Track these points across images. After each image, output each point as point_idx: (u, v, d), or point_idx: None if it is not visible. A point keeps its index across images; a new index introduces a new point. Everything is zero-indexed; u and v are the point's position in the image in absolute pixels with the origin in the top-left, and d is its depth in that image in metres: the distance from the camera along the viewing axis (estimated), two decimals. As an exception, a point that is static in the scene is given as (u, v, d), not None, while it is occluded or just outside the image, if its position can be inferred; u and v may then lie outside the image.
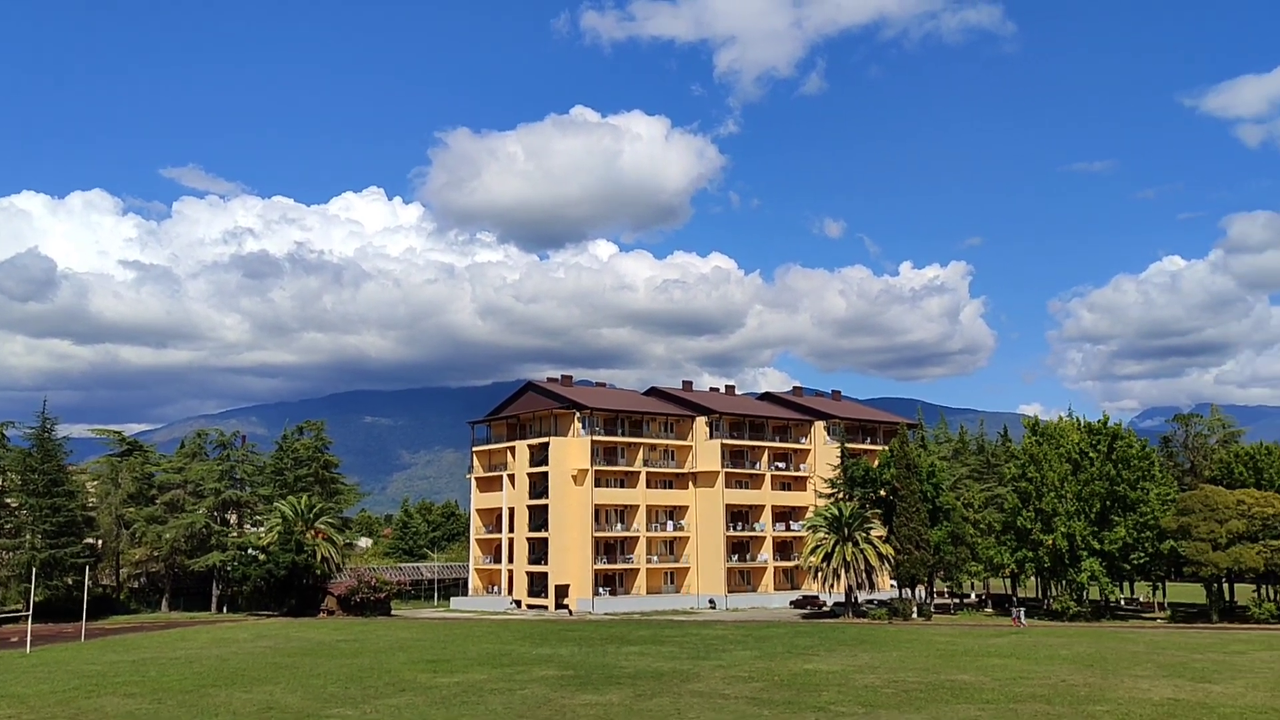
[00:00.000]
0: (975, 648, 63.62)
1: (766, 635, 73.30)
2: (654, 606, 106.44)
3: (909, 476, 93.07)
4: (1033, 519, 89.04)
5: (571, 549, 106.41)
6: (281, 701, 41.90)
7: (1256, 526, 79.71)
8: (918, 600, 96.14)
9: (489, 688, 45.36)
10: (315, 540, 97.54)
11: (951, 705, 39.86)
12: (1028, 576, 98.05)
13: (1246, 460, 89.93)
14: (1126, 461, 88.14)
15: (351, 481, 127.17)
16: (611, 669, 52.35)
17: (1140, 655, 58.16)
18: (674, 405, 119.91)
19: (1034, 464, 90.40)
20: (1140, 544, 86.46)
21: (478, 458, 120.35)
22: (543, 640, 69.79)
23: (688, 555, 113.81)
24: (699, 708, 39.49)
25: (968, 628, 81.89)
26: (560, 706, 40.06)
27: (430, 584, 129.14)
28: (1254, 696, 42.05)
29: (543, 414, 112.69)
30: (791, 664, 54.38)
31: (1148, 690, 43.78)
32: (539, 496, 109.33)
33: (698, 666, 53.23)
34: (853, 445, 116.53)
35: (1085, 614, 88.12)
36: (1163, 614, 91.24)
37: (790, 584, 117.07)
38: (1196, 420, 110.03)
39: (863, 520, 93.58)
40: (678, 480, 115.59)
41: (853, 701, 40.85)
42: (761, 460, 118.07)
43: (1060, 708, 39.13)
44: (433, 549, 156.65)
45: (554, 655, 59.50)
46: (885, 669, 52.07)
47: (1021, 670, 51.28)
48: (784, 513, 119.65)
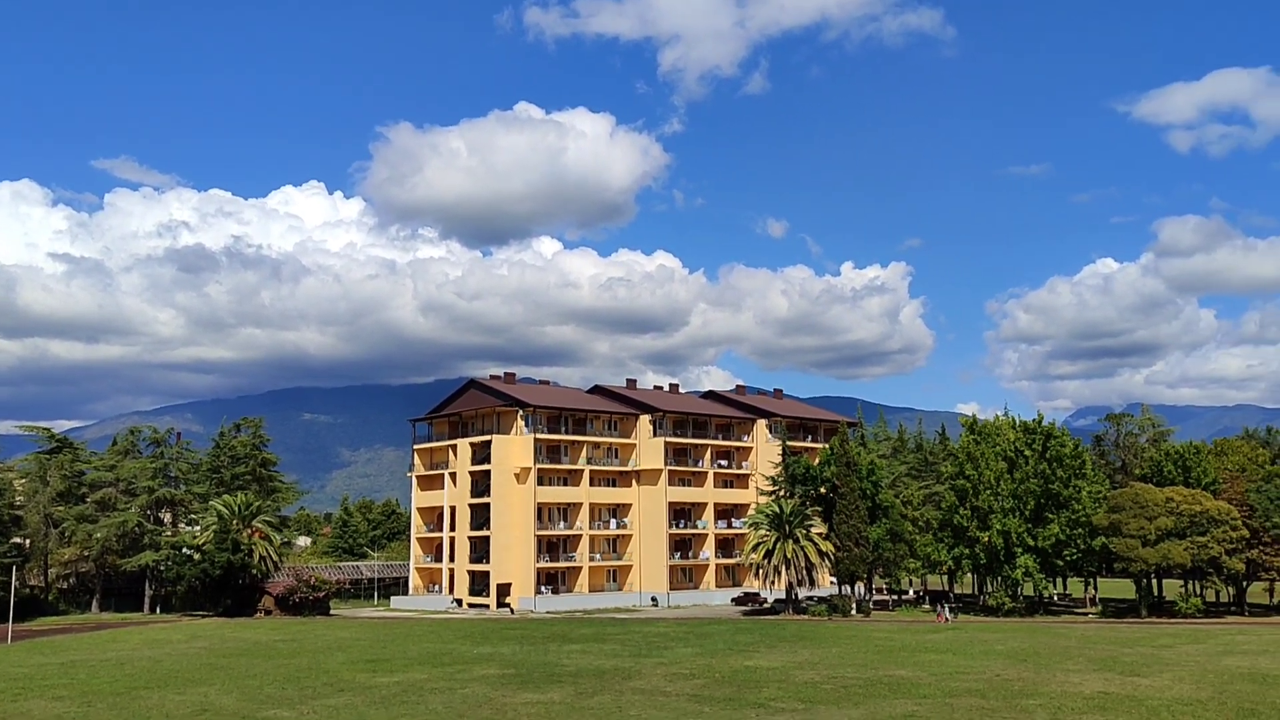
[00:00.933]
0: (913, 644, 64.52)
1: (708, 632, 73.66)
2: (596, 604, 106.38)
3: (849, 474, 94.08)
4: (969, 516, 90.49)
5: (514, 547, 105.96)
6: (216, 703, 41.21)
7: (1184, 523, 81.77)
8: (857, 597, 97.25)
9: (429, 687, 45.03)
10: (252, 539, 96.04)
11: (889, 700, 40.39)
12: (964, 573, 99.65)
13: (1175, 459, 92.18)
14: (1060, 460, 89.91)
15: (290, 480, 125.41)
16: (553, 667, 52.25)
17: (1072, 650, 59.42)
18: (617, 403, 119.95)
19: (971, 462, 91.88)
20: (1073, 541, 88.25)
21: (419, 456, 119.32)
22: (484, 639, 69.45)
23: (630, 553, 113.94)
24: (640, 705, 39.57)
25: (906, 624, 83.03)
26: (501, 705, 39.89)
27: (370, 583, 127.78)
28: (1180, 689, 43.18)
29: (485, 412, 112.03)
30: (732, 661, 54.71)
31: (1079, 684, 44.75)
32: (481, 495, 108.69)
33: (639, 664, 53.34)
34: (794, 443, 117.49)
35: (1020, 609, 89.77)
36: (1094, 609, 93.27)
37: (732, 581, 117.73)
38: (1127, 420, 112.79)
39: (803, 518, 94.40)
40: (621, 478, 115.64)
41: (793, 698, 41.22)
42: (704, 458, 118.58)
43: (994, 702, 39.84)
44: (373, 548, 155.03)
45: (495, 654, 59.24)
46: (825, 665, 52.61)
47: (958, 665, 52.12)
48: (726, 510, 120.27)
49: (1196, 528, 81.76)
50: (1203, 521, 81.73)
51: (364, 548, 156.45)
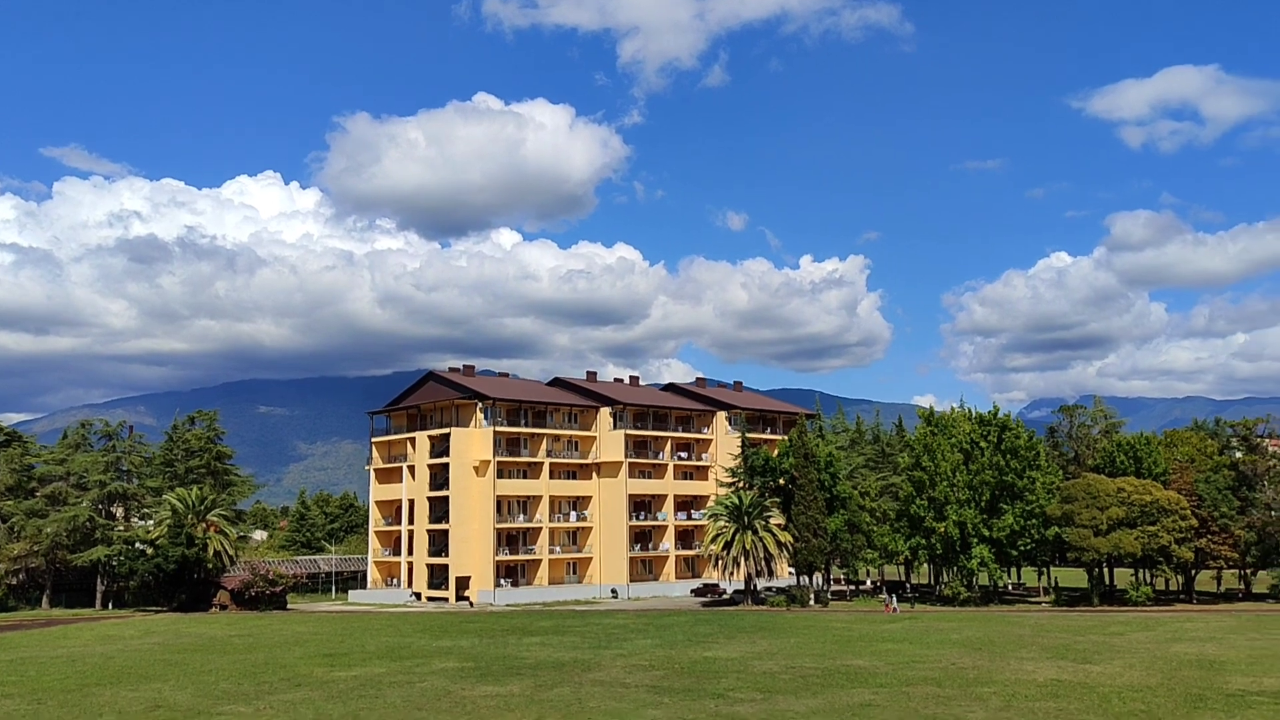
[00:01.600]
0: (870, 633, 65.10)
1: (667, 624, 73.84)
2: (556, 597, 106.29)
3: (807, 466, 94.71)
4: (926, 507, 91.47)
5: (473, 540, 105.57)
6: (170, 699, 40.67)
7: (1135, 513, 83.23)
8: (815, 587, 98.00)
9: (388, 681, 44.75)
10: (207, 533, 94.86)
11: (847, 690, 40.73)
12: (921, 563, 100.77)
13: (1127, 450, 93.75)
14: (1015, 451, 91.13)
15: (246, 473, 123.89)
16: (512, 660, 52.14)
17: (1026, 638, 60.25)
18: (578, 396, 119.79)
19: (927, 453, 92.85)
20: (1027, 531, 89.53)
21: (377, 449, 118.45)
22: (443, 632, 69.13)
23: (590, 545, 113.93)
24: (600, 697, 39.60)
25: (863, 614, 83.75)
26: (460, 698, 39.74)
27: (328, 577, 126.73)
28: (1131, 676, 43.95)
29: (444, 404, 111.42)
30: (691, 652, 54.89)
31: (1032, 672, 45.39)
32: (440, 488, 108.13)
33: (599, 656, 53.36)
34: (753, 435, 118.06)
35: (975, 599, 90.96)
36: (1048, 598, 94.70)
37: (692, 572, 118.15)
38: (1080, 411, 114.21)
39: (762, 509, 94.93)
40: (581, 471, 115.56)
41: (751, 688, 41.43)
42: (665, 450, 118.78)
43: (950, 690, 40.31)
44: (330, 541, 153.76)
45: (454, 647, 58.99)
46: (783, 655, 52.94)
47: (914, 655, 52.65)
48: (686, 502, 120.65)
49: (1147, 517, 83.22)
50: (1153, 511, 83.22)
51: (321, 541, 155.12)
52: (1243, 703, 36.80)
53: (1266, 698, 37.74)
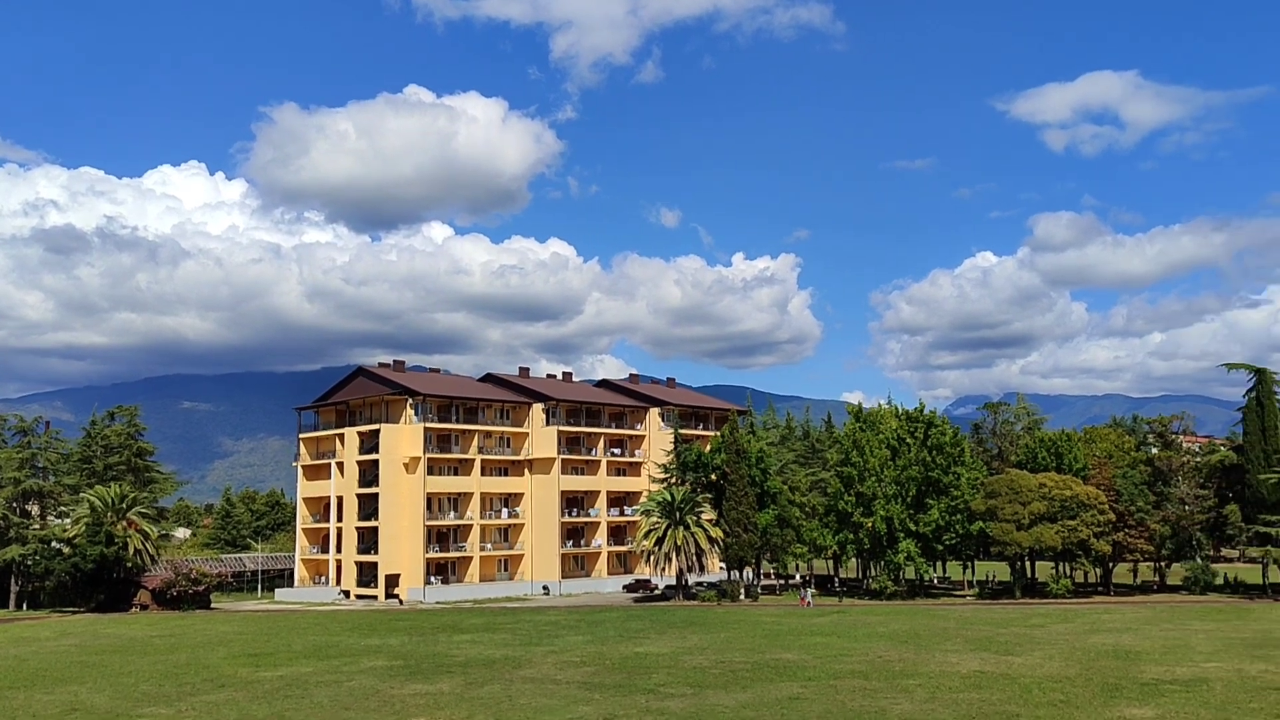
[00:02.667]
0: (799, 627, 65.88)
1: (599, 620, 73.92)
2: (487, 594, 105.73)
3: (738, 461, 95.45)
4: (854, 502, 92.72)
5: (403, 538, 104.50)
6: (88, 702, 39.65)
7: (1056, 508, 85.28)
8: (745, 582, 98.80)
9: (315, 680, 44.14)
10: (127, 532, 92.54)
11: (776, 683, 41.18)
12: (849, 557, 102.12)
13: (1048, 446, 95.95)
14: (940, 447, 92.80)
15: (168, 470, 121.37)
16: (442, 658, 51.78)
17: (951, 631, 61.48)
18: (510, 392, 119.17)
19: (856, 450, 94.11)
20: (952, 525, 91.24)
21: (305, 445, 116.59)
22: (371, 631, 68.39)
23: (522, 542, 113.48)
24: (530, 694, 39.51)
25: (792, 608, 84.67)
26: (389, 697, 39.36)
27: (254, 575, 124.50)
28: (1050, 667, 45.11)
29: (374, 400, 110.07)
30: (623, 648, 55.03)
31: (957, 664, 46.34)
32: (369, 485, 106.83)
33: (530, 653, 53.24)
34: (686, 431, 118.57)
35: (902, 593, 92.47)
36: (972, 591, 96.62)
37: (624, 568, 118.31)
38: (1004, 408, 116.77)
39: (694, 505, 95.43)
40: (513, 467, 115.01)
41: (681, 683, 41.68)
42: (598, 447, 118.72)
43: (877, 683, 40.97)
44: (257, 539, 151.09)
45: (383, 645, 58.41)
46: (714, 650, 53.34)
47: (842, 648, 53.43)
48: (619, 498, 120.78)
49: (1067, 512, 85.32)
50: (1073, 506, 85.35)
51: (247, 539, 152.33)
52: (1156, 691, 37.98)
53: (1178, 686, 39.00)
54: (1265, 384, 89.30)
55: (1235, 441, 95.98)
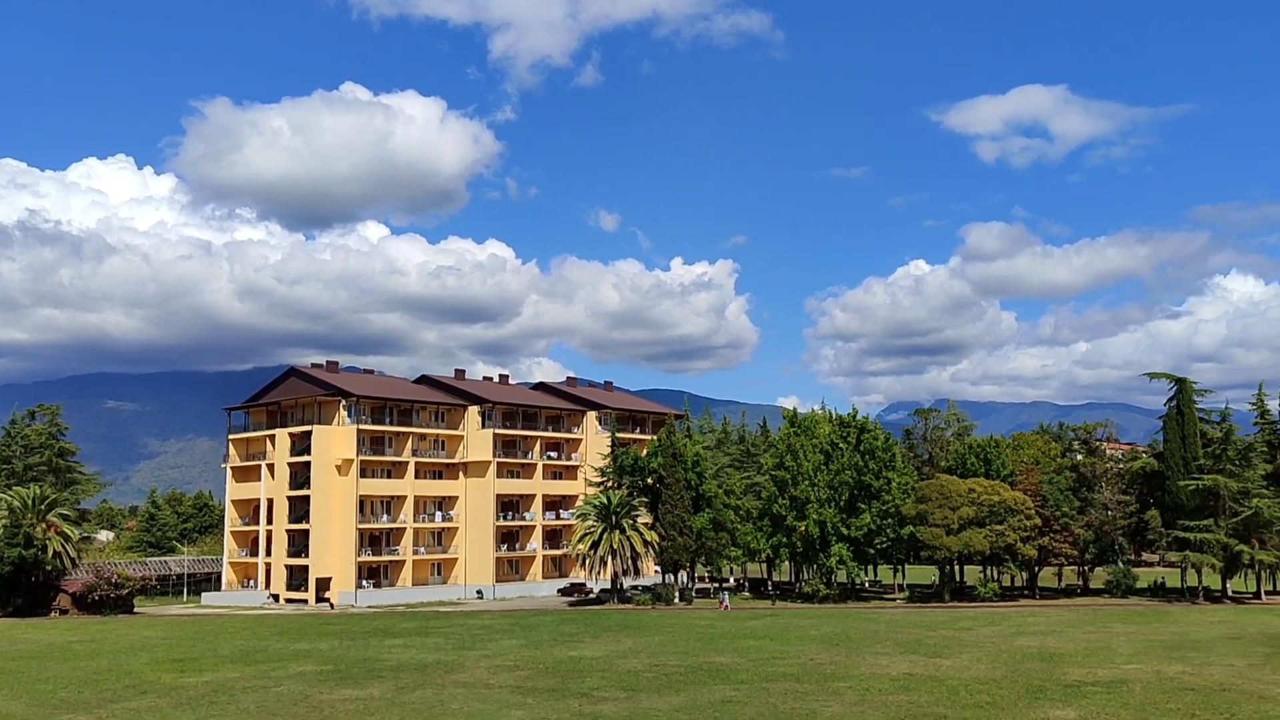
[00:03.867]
0: (733, 630, 66.27)
1: (533, 624, 73.64)
2: (420, 598, 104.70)
3: (675, 465, 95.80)
4: (788, 506, 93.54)
5: (334, 541, 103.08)
6: (3, 710, 38.45)
7: (984, 513, 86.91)
8: (680, 585, 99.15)
9: (241, 686, 43.32)
10: (47, 534, 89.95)
11: (709, 687, 41.37)
12: (782, 561, 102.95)
13: (977, 452, 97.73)
14: (872, 452, 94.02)
15: (91, 471, 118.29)
16: (373, 662, 51.16)
17: (881, 634, 62.31)
18: (445, 394, 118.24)
19: (790, 454, 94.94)
20: (883, 530, 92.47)
21: (234, 446, 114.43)
22: (301, 635, 67.34)
23: (456, 546, 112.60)
24: (463, 698, 39.22)
25: (726, 611, 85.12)
26: (318, 702, 38.78)
27: (180, 579, 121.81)
28: (978, 669, 45.94)
29: (306, 401, 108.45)
30: (556, 651, 54.88)
31: (886, 666, 46.98)
32: (300, 487, 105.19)
33: (463, 657, 52.85)
34: (623, 435, 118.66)
35: (834, 596, 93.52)
36: (902, 595, 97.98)
37: (559, 572, 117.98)
38: (935, 414, 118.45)
39: (630, 508, 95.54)
40: (448, 470, 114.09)
41: (615, 686, 41.68)
42: (534, 450, 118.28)
43: (808, 685, 41.37)
44: (183, 542, 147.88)
45: (313, 650, 57.54)
46: (647, 653, 53.43)
47: (775, 651, 53.85)
48: (555, 502, 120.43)
49: (995, 517, 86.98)
50: (1001, 511, 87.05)
51: (173, 542, 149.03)
52: (1079, 692, 38.89)
53: (1100, 687, 39.98)
54: (1185, 393, 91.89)
55: (1156, 449, 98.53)
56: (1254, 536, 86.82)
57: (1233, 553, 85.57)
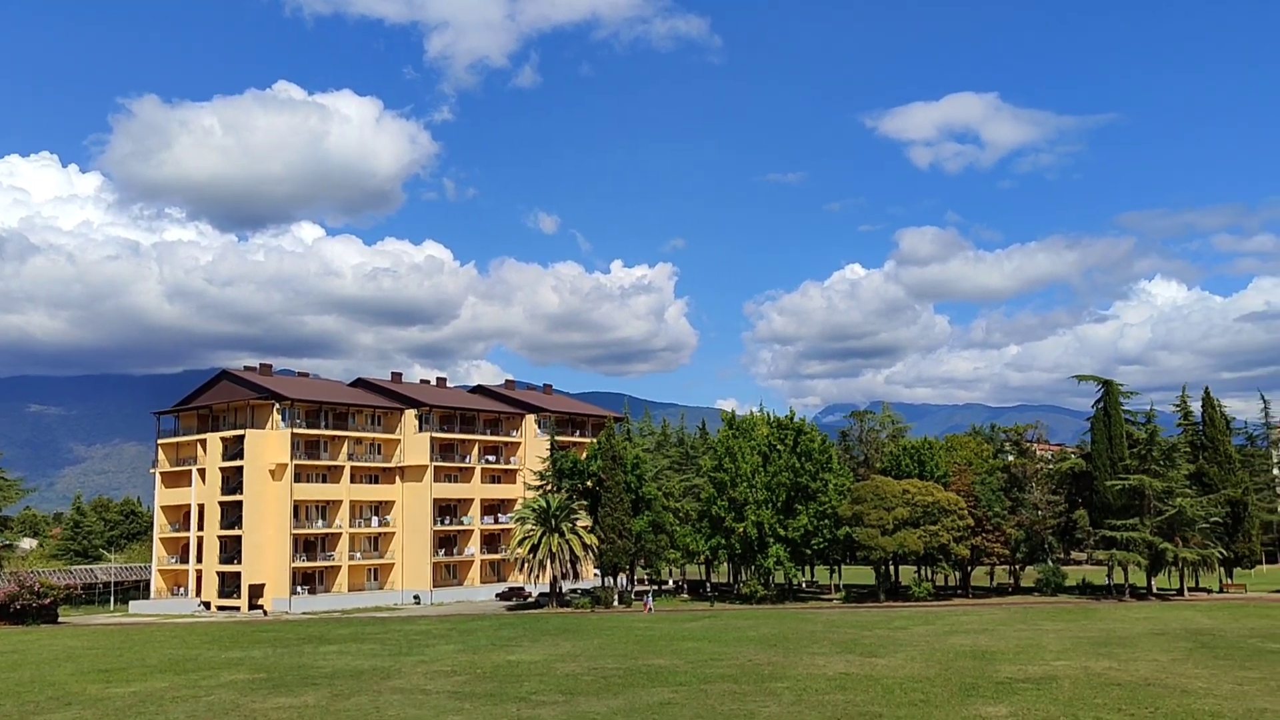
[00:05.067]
0: (671, 632, 66.39)
1: (471, 629, 73.11)
2: (356, 604, 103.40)
3: (614, 468, 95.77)
4: (726, 508, 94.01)
5: (267, 547, 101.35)
6: (-81, 725, 37.20)
7: (919, 513, 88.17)
8: (620, 588, 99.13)
9: (170, 696, 42.38)
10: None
11: (648, 689, 41.39)
12: (721, 562, 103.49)
13: (912, 453, 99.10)
14: (809, 454, 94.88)
15: (13, 477, 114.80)
16: (307, 669, 50.38)
17: (818, 634, 62.87)
18: (382, 397, 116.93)
19: (729, 456, 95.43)
20: (820, 530, 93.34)
21: (164, 451, 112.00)
22: (233, 643, 66.08)
23: (393, 551, 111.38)
24: (399, 705, 38.77)
25: (666, 613, 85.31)
26: (250, 711, 38.07)
27: (106, 587, 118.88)
28: (912, 668, 46.55)
29: (238, 405, 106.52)
30: (495, 656, 54.54)
31: (823, 666, 47.41)
32: (233, 492, 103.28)
33: (399, 663, 52.28)
34: (562, 438, 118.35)
35: (771, 597, 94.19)
36: (838, 595, 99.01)
37: (497, 576, 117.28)
38: (870, 416, 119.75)
39: (570, 511, 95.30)
40: (384, 475, 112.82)
41: (554, 690, 41.53)
42: (472, 454, 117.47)
43: (746, 686, 41.59)
44: (110, 549, 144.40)
45: (245, 658, 56.49)
46: (586, 657, 53.30)
47: (713, 652, 54.05)
48: (493, 506, 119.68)
49: (929, 517, 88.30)
50: (934, 511, 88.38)
51: (99, 550, 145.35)
52: (1010, 690, 39.60)
53: (1030, 684, 40.75)
54: (1112, 395, 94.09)
55: (1084, 450, 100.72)
56: (1177, 535, 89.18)
57: (1157, 551, 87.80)
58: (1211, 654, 49.21)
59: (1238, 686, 39.14)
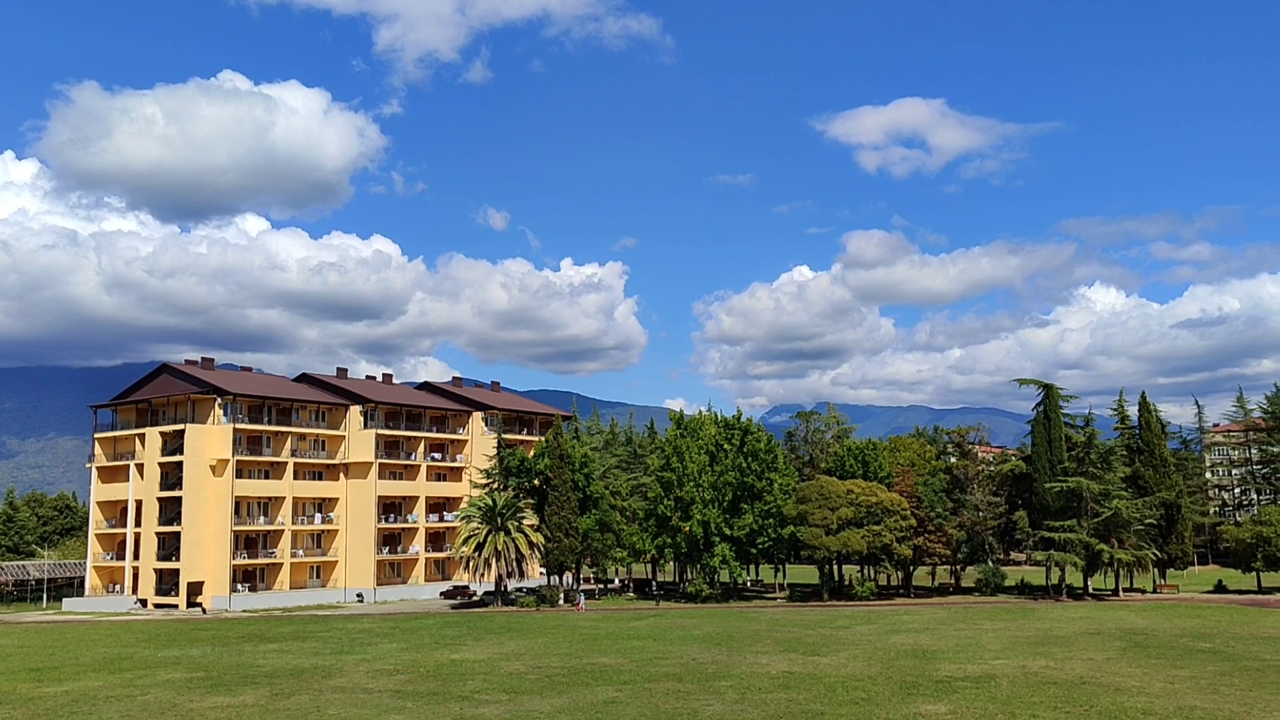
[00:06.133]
0: (617, 631, 66.44)
1: (414, 627, 72.57)
2: (298, 602, 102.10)
3: (562, 467, 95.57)
4: (673, 507, 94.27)
5: (207, 543, 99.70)
6: None
7: (862, 513, 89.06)
8: (565, 587, 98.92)
9: (104, 695, 41.56)
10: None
11: (592, 688, 41.39)
12: (667, 561, 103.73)
13: (856, 454, 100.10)
14: (755, 454, 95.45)
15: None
16: (247, 668, 49.68)
17: (762, 633, 63.30)
18: (326, 393, 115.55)
19: (676, 455, 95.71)
20: (765, 530, 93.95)
21: (101, 445, 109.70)
22: (170, 641, 64.97)
23: (336, 548, 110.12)
24: (340, 704, 38.38)
25: (611, 612, 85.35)
26: (187, 711, 37.47)
27: (40, 584, 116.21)
28: (854, 666, 47.06)
29: (179, 399, 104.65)
30: (438, 655, 54.20)
31: (767, 665, 47.75)
32: (172, 488, 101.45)
33: (341, 662, 51.76)
34: (510, 436, 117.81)
35: (716, 595, 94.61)
36: (783, 594, 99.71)
37: (442, 575, 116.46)
38: (815, 417, 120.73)
39: (516, 510, 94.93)
40: (328, 471, 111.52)
41: (497, 689, 41.37)
42: (418, 451, 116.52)
43: (690, 685, 41.76)
44: (43, 546, 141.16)
45: (183, 657, 55.56)
46: (530, 656, 53.17)
47: (658, 651, 54.19)
48: (439, 504, 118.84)
49: (873, 517, 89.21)
50: (878, 512, 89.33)
51: (32, 546, 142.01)
52: (949, 688, 40.19)
53: (970, 683, 41.39)
54: (1051, 399, 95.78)
55: (1024, 452, 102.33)
56: (1113, 536, 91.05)
57: (1093, 552, 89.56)
58: (1144, 653, 50.34)
59: (1169, 685, 40.09)
